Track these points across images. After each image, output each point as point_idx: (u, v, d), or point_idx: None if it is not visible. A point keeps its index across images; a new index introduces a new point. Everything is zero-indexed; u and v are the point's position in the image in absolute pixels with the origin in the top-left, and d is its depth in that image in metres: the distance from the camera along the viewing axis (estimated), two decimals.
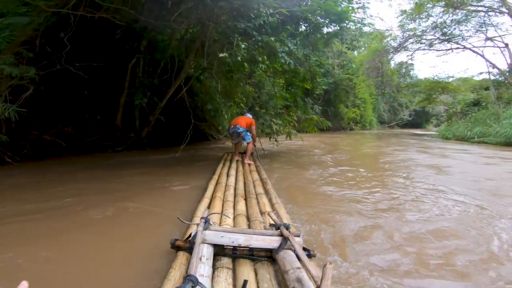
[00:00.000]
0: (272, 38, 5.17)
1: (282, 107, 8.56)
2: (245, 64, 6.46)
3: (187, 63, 7.13)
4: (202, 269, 1.33)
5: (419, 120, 40.59)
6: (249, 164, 4.84)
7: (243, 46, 5.14)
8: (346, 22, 5.94)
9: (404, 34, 17.77)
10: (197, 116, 8.91)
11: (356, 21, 6.26)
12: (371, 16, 7.32)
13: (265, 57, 6.25)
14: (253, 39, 5.01)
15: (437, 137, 16.68)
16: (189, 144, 8.38)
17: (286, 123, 8.11)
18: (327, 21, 5.83)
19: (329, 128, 22.22)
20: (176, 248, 1.67)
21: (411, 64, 23.29)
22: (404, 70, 25.18)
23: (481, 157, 7.24)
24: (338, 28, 6.06)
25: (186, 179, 4.19)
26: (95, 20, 5.74)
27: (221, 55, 4.80)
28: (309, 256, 1.65)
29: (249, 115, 5.67)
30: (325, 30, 6.24)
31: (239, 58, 5.03)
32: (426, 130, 32.17)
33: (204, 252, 1.48)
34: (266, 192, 3.08)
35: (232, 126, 5.21)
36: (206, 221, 1.70)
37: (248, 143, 5.19)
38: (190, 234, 1.67)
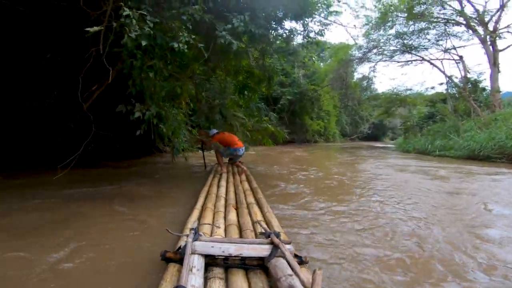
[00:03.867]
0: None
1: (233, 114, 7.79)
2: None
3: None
4: (193, 280, 1.38)
5: (377, 133, 44.09)
6: (244, 171, 5.22)
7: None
8: (311, 14, 5.38)
9: (368, 44, 19.10)
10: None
11: (322, 10, 5.76)
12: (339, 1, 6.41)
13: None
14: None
15: (397, 150, 17.75)
16: (128, 159, 7.49)
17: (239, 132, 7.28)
18: (288, 15, 5.22)
19: (294, 140, 22.72)
20: (167, 260, 1.70)
21: (371, 78, 25.10)
22: (365, 84, 27.00)
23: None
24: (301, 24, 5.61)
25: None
26: None
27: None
28: (301, 262, 1.73)
29: (215, 131, 5.81)
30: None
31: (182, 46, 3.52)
32: (384, 143, 34.74)
33: (195, 263, 1.54)
34: (257, 202, 3.24)
35: (240, 148, 5.47)
36: (196, 231, 1.78)
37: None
38: (180, 246, 1.73)
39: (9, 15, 5.33)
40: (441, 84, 18.75)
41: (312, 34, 5.77)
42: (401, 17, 16.09)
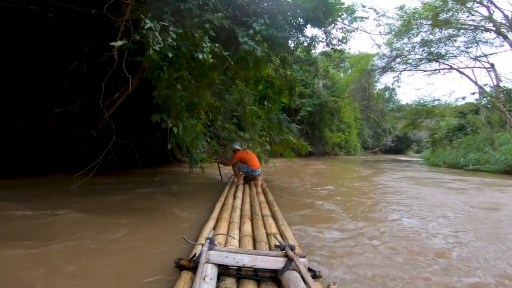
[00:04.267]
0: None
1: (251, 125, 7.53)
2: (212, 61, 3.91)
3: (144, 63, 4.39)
4: None
5: (400, 146, 42.91)
6: (261, 185, 5.33)
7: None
8: (334, 20, 5.18)
9: (392, 53, 18.57)
10: (161, 133, 7.76)
11: (345, 16, 5.44)
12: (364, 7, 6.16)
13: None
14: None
15: (425, 164, 16.97)
16: (147, 167, 7.49)
17: (257, 144, 6.95)
18: (309, 22, 5.04)
19: (313, 153, 22.29)
20: (180, 267, 1.75)
21: (394, 89, 24.49)
22: (387, 95, 26.31)
23: None
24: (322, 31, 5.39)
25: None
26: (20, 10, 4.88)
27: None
28: (315, 276, 1.73)
29: (237, 146, 5.77)
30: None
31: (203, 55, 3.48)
32: (409, 156, 33.52)
33: (208, 272, 1.57)
34: (273, 214, 3.27)
35: (257, 169, 5.51)
36: (211, 241, 1.81)
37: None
38: (195, 254, 1.77)
39: (39, 22, 5.65)
40: (473, 93, 17.89)
41: (335, 41, 5.54)
42: (426, 24, 15.67)
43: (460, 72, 16.96)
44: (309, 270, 1.73)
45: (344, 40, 5.55)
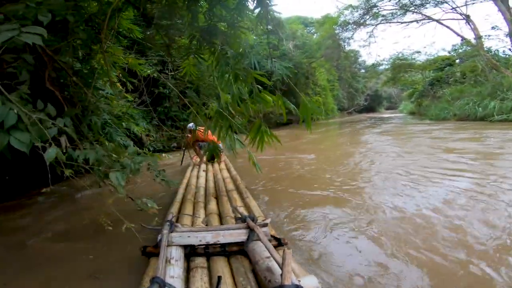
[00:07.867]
0: None
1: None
2: None
3: None
4: (172, 271, 1.47)
5: (373, 104, 44.63)
6: (224, 161, 5.45)
7: None
8: None
9: (366, 4, 17.97)
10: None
11: None
12: None
13: None
14: None
15: (424, 118, 16.05)
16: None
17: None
18: None
19: (291, 121, 21.93)
20: (148, 254, 1.78)
21: (358, 51, 24.83)
22: (353, 55, 26.56)
23: None
24: None
25: None
26: None
27: None
28: (280, 244, 1.81)
29: (191, 125, 5.16)
30: None
31: None
32: (384, 113, 34.25)
33: (173, 254, 1.62)
34: (237, 188, 3.39)
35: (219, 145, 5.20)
36: (171, 223, 1.85)
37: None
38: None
39: None
40: (444, 49, 18.22)
41: None
42: None
43: (440, 23, 16.89)
44: (275, 238, 1.85)
45: None
